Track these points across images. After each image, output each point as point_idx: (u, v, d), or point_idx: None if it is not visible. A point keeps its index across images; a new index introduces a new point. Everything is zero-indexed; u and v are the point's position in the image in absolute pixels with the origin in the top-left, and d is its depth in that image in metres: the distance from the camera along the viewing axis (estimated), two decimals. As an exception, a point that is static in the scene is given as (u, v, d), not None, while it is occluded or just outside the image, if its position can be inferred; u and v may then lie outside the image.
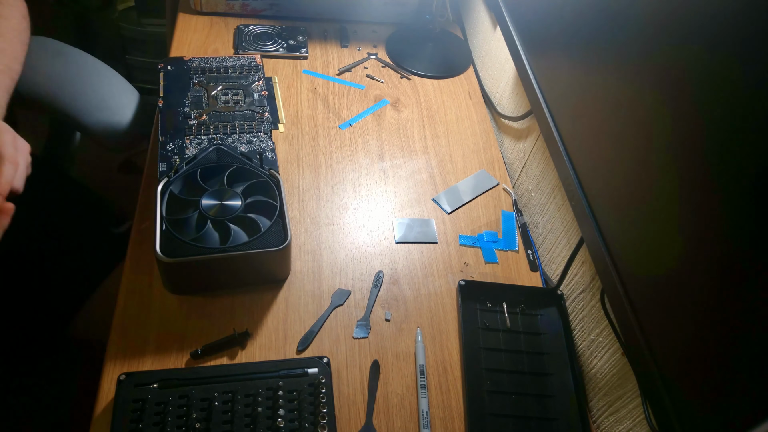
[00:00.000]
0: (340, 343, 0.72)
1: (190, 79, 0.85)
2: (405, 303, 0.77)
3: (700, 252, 0.43)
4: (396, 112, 1.02)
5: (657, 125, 0.48)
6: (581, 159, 0.61)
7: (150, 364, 0.66)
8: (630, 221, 0.52)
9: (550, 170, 0.85)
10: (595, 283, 0.72)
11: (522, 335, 0.75)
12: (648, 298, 0.49)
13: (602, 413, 0.71)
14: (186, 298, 0.72)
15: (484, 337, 0.74)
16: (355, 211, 0.86)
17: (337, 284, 0.77)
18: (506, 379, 0.71)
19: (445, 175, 0.93)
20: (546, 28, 0.69)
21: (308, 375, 0.66)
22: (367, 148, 0.95)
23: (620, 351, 0.66)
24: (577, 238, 0.75)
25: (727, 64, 0.40)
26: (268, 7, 1.12)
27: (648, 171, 0.49)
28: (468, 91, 1.09)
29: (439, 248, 0.83)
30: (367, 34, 1.16)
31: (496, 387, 0.70)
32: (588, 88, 0.59)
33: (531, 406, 0.69)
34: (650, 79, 0.49)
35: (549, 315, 0.77)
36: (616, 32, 0.54)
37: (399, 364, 0.71)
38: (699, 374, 0.44)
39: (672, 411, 0.46)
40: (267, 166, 0.77)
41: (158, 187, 0.71)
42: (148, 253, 0.75)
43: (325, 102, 1.01)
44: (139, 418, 0.60)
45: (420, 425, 0.66)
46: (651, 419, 0.60)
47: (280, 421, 0.61)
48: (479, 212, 0.89)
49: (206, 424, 0.61)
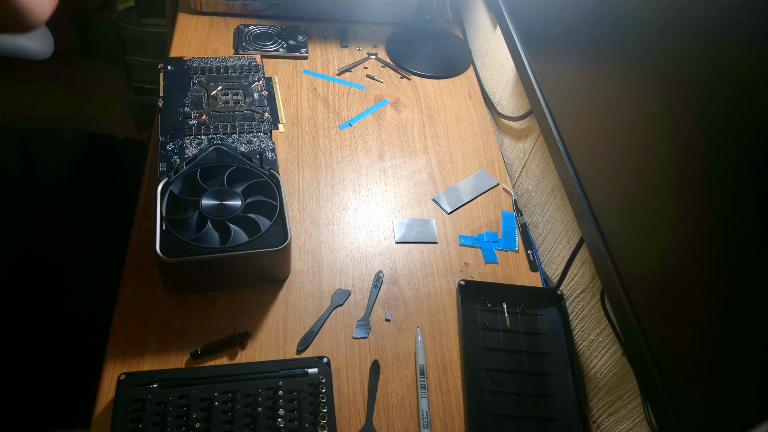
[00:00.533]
0: (340, 343, 0.72)
1: (190, 79, 0.85)
2: (405, 303, 0.77)
3: (700, 252, 0.43)
4: (396, 112, 1.02)
5: (657, 125, 0.48)
6: (581, 159, 0.61)
7: (150, 364, 0.66)
8: (630, 221, 0.52)
9: (550, 170, 0.85)
10: (595, 283, 0.72)
11: (522, 335, 0.75)
12: (648, 298, 0.49)
13: (602, 413, 0.71)
14: (186, 298, 0.72)
15: (484, 337, 0.74)
16: (355, 211, 0.86)
17: (337, 284, 0.77)
18: (506, 379, 0.71)
19: (445, 175, 0.93)
20: (546, 28, 0.69)
21: (308, 375, 0.66)
22: (367, 148, 0.95)
23: (620, 351, 0.66)
24: (577, 238, 0.75)
25: (727, 64, 0.40)
26: (268, 7, 1.12)
27: (648, 171, 0.49)
28: (468, 91, 1.09)
29: (439, 248, 0.83)
30: (367, 34, 1.16)
31: (497, 387, 0.70)
32: (588, 88, 0.59)
33: (531, 406, 0.69)
34: (650, 79, 0.49)
35: (549, 315, 0.77)
36: (617, 32, 0.54)
37: (399, 364, 0.71)
38: (699, 374, 0.44)
39: (672, 411, 0.46)
40: (267, 166, 0.77)
41: (158, 187, 0.71)
42: (148, 253, 0.75)
43: (325, 102, 1.01)
44: (139, 418, 0.60)
45: (420, 425, 0.66)
46: (651, 419, 0.60)
47: (280, 421, 0.61)
48: (479, 212, 0.89)
49: (206, 424, 0.61)
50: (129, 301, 0.71)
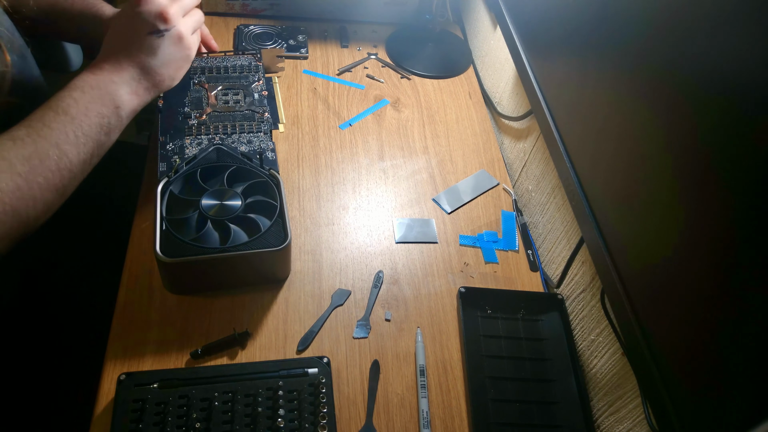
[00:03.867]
0: (340, 343, 0.72)
1: (190, 79, 0.85)
2: (405, 303, 0.77)
3: (700, 252, 0.43)
4: (396, 112, 1.02)
5: (657, 125, 0.48)
6: (581, 159, 0.61)
7: (150, 364, 0.66)
8: (630, 221, 0.52)
9: (550, 170, 0.85)
10: (595, 283, 0.72)
11: (524, 341, 0.74)
12: (648, 298, 0.49)
13: (602, 413, 0.71)
14: (186, 298, 0.72)
15: (486, 344, 0.73)
16: (355, 211, 0.86)
17: (337, 284, 0.77)
18: (510, 386, 0.70)
19: (445, 175, 0.93)
20: (546, 28, 0.69)
21: (308, 375, 0.66)
22: (367, 148, 0.95)
23: (620, 351, 0.66)
24: (577, 238, 0.75)
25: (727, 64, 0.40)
26: (268, 7, 1.12)
27: (648, 171, 0.49)
28: (468, 91, 1.09)
29: (439, 248, 0.83)
30: (367, 34, 1.16)
31: (500, 395, 0.69)
32: (588, 88, 0.59)
33: (535, 414, 0.69)
34: (650, 79, 0.49)
35: (550, 320, 0.77)
36: (617, 32, 0.54)
37: (399, 364, 0.71)
38: (699, 374, 0.44)
39: (672, 411, 0.46)
40: (267, 165, 0.77)
41: (158, 187, 0.71)
42: (148, 253, 0.75)
43: (325, 102, 1.01)
44: (139, 418, 0.60)
45: (420, 425, 0.66)
46: (651, 419, 0.60)
47: (280, 421, 0.61)
48: (479, 212, 0.89)
49: (206, 424, 0.61)
50: (129, 301, 0.71)
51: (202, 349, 0.67)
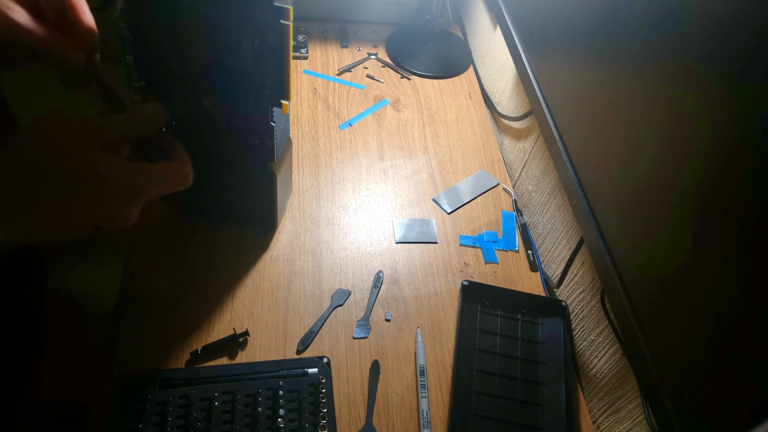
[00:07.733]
0: (340, 343, 0.72)
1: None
2: (405, 303, 0.77)
3: (700, 252, 0.43)
4: (396, 112, 1.02)
5: (657, 125, 0.48)
6: (581, 159, 0.61)
7: (150, 364, 0.66)
8: (630, 221, 0.52)
9: (550, 170, 0.85)
10: (595, 283, 0.72)
11: (520, 342, 0.74)
12: (648, 298, 0.49)
13: (602, 413, 0.71)
14: (186, 298, 0.72)
15: (481, 338, 0.74)
16: (355, 211, 0.86)
17: (337, 284, 0.77)
18: (497, 382, 0.70)
19: (445, 175, 0.93)
20: (546, 28, 0.69)
21: (308, 375, 0.66)
22: (367, 148, 0.95)
23: (620, 351, 0.66)
24: (577, 238, 0.75)
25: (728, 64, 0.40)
26: (268, 7, 1.11)
27: (648, 171, 0.49)
28: (468, 91, 1.09)
29: (439, 248, 0.83)
30: (367, 34, 1.16)
31: (485, 389, 0.70)
32: (588, 88, 0.59)
33: (518, 413, 0.68)
34: (650, 79, 0.49)
35: (551, 325, 0.76)
36: (617, 32, 0.54)
37: (399, 364, 0.71)
38: (699, 374, 0.44)
39: (672, 411, 0.46)
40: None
41: None
42: (148, 253, 0.75)
43: (325, 102, 1.01)
44: (139, 418, 0.60)
45: (420, 425, 0.66)
46: (651, 419, 0.60)
47: (280, 421, 0.61)
48: (479, 212, 0.89)
49: (206, 424, 0.61)
50: (129, 301, 0.71)
51: (202, 349, 0.67)
